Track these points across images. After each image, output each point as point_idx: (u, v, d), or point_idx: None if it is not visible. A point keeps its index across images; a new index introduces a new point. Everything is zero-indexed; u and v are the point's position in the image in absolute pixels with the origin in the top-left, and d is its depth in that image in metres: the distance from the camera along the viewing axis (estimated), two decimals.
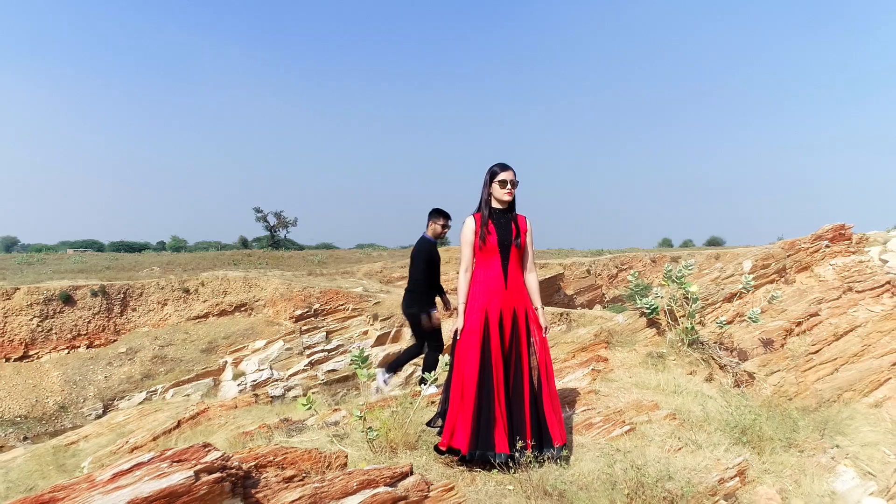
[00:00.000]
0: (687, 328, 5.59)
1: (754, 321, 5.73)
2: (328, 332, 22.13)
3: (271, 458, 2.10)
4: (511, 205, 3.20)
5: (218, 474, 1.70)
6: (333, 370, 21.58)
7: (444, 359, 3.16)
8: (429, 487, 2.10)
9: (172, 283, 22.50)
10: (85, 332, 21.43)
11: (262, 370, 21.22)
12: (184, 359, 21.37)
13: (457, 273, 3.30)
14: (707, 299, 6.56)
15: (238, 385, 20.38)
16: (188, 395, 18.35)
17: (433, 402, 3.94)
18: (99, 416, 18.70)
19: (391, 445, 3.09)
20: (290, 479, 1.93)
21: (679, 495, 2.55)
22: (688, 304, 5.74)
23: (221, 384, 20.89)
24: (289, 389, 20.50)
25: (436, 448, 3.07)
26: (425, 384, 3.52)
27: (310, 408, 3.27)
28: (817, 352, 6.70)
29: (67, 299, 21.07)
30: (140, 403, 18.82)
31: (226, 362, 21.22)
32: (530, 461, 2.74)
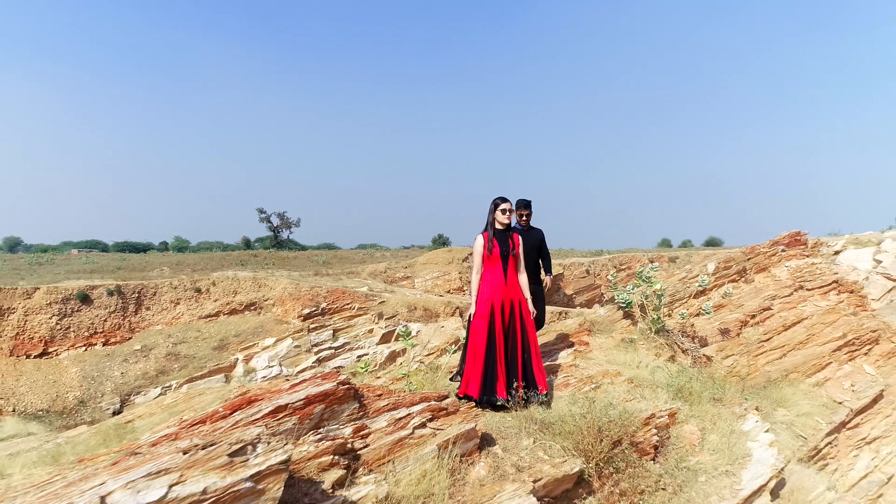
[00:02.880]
0: (654, 319, 7.07)
1: (707, 313, 7.22)
2: (335, 331, 23.61)
3: (361, 389, 3.57)
4: (508, 226, 4.68)
5: (347, 386, 3.17)
6: (340, 367, 23.06)
7: (461, 333, 4.63)
8: (459, 406, 3.57)
9: (185, 283, 23.91)
10: (101, 330, 22.84)
11: (272, 367, 22.68)
12: (196, 356, 22.76)
13: (459, 271, 4.77)
14: (674, 295, 8.05)
15: (249, 381, 21.84)
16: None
17: (450, 371, 5.42)
18: (117, 411, 20.14)
19: None
20: (378, 396, 3.40)
21: (618, 420, 4.03)
22: (655, 300, 7.21)
23: (233, 380, 22.35)
24: None
25: (456, 395, 4.55)
26: None
27: (366, 370, 4.75)
28: (768, 340, 8.19)
29: (85, 298, 22.48)
30: (156, 398, 20.27)
31: (237, 359, 22.67)
32: (522, 399, 4.23)
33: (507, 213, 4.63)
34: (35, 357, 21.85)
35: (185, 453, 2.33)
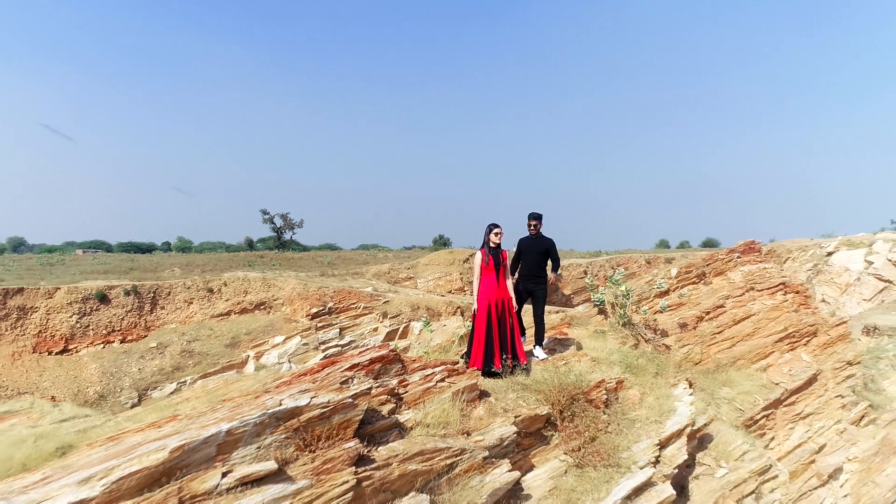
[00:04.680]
0: (621, 314, 9.05)
1: (662, 310, 9.21)
2: (341, 329, 25.59)
3: (402, 357, 5.55)
4: (499, 245, 6.65)
5: (395, 353, 5.15)
6: None
7: (467, 323, 6.60)
8: (466, 370, 5.54)
9: (197, 283, 25.84)
10: (118, 328, 24.78)
11: (282, 363, 24.66)
12: (210, 353, 24.69)
13: (461, 272, 6.73)
14: (641, 295, 10.04)
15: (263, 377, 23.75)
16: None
17: (457, 354, 7.40)
18: (135, 405, 22.11)
19: None
20: (413, 361, 5.36)
21: (575, 381, 6.01)
22: (623, 299, 9.20)
23: (245, 376, 24.30)
24: None
25: (466, 369, 6.53)
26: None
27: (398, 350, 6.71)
28: (720, 332, 10.19)
29: (103, 298, 24.40)
30: (171, 394, 22.26)
31: (248, 356, 24.65)
32: (510, 368, 6.21)
33: (499, 235, 6.61)
34: (56, 354, 23.79)
35: (313, 382, 4.31)
